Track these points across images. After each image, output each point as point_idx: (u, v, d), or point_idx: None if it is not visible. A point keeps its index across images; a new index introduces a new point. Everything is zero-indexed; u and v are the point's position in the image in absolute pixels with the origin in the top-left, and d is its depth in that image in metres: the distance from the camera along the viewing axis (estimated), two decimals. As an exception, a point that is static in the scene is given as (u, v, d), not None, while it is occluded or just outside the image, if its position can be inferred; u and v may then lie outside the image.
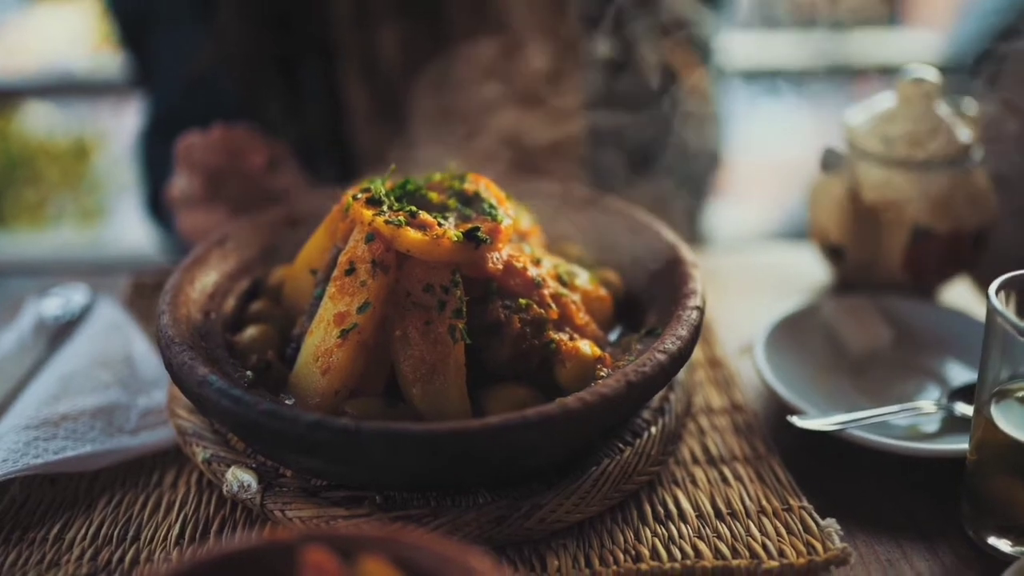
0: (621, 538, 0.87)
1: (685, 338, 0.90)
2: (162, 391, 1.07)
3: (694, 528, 0.88)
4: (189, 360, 0.85)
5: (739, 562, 0.83)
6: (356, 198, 0.92)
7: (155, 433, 1.01)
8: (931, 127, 1.23)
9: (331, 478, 0.87)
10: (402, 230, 0.88)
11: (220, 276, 1.06)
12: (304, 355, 0.90)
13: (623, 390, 0.82)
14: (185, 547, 0.87)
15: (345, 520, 0.84)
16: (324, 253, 0.99)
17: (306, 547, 0.62)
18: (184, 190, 1.30)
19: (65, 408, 1.01)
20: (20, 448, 0.94)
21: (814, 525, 0.88)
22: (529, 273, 0.94)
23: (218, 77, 1.56)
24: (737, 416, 1.06)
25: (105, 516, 0.91)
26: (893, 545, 0.90)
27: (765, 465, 0.98)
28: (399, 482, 0.86)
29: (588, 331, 0.96)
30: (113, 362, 1.12)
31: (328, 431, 0.77)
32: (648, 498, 0.93)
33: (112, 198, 4.02)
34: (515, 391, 0.89)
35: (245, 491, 0.88)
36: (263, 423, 0.78)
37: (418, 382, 0.87)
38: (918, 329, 1.20)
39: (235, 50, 1.55)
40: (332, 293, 0.89)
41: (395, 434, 0.76)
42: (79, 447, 0.96)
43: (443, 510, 0.84)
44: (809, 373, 1.12)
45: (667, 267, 1.04)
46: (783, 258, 1.52)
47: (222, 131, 1.29)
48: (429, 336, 0.87)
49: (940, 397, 1.07)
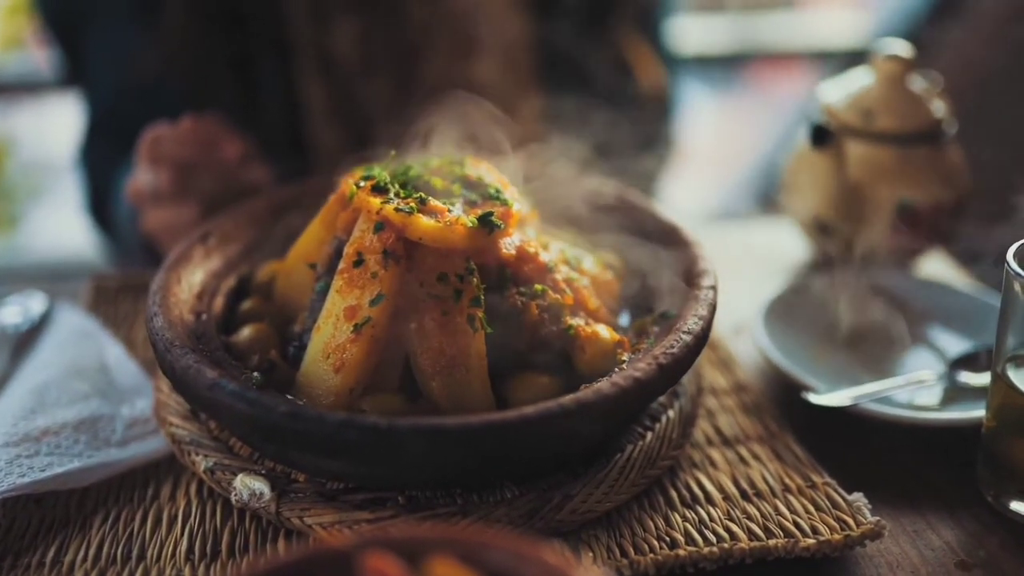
0: (652, 525, 0.85)
1: (706, 317, 0.88)
2: (144, 399, 1.01)
3: (723, 511, 0.87)
4: (195, 363, 0.80)
5: (775, 542, 0.82)
6: (359, 186, 0.88)
7: (145, 444, 0.95)
8: (909, 102, 1.24)
9: (351, 480, 0.83)
10: (414, 218, 0.84)
11: (206, 275, 1.00)
12: (312, 353, 0.85)
13: (655, 372, 0.80)
14: (196, 563, 0.81)
15: (369, 524, 0.80)
16: (322, 245, 0.94)
17: (364, 553, 0.58)
18: (149, 185, 1.22)
19: (44, 422, 0.94)
20: (2, 467, 0.87)
21: (841, 500, 0.87)
22: (542, 258, 0.91)
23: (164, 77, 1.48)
24: (743, 396, 1.05)
25: (104, 535, 0.85)
26: (916, 516, 0.90)
27: (780, 443, 0.97)
28: (426, 481, 0.82)
29: (600, 316, 0.94)
30: (88, 371, 1.05)
31: (357, 430, 0.73)
32: (671, 483, 0.91)
33: (25, 205, 3.83)
34: (537, 380, 0.86)
35: (257, 499, 0.83)
36: (285, 425, 0.74)
37: (438, 375, 0.83)
38: (905, 301, 1.21)
39: (183, 50, 1.47)
40: (340, 286, 0.85)
41: (431, 430, 0.72)
42: (66, 463, 0.89)
43: (471, 507, 0.81)
44: (807, 350, 1.12)
45: (669, 248, 1.02)
46: (759, 236, 1.52)
47: (192, 122, 1.22)
48: (447, 327, 0.83)
49: (942, 367, 1.08)
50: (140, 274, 1.30)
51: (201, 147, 1.21)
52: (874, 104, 1.24)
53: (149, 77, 1.47)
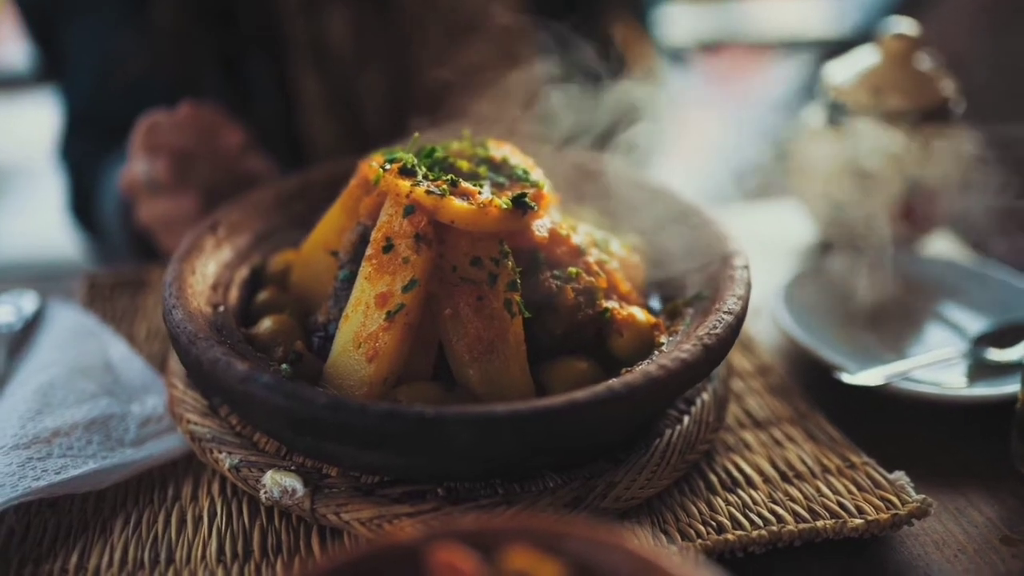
0: (695, 510, 0.83)
1: (744, 296, 0.86)
2: (155, 396, 0.97)
3: (766, 494, 0.85)
4: (223, 356, 0.76)
5: (823, 523, 0.80)
6: (385, 168, 0.84)
7: (161, 442, 0.91)
8: (918, 80, 1.23)
9: (389, 473, 0.80)
10: (446, 200, 0.81)
11: (219, 266, 0.96)
12: (341, 342, 0.82)
13: (701, 354, 0.78)
14: (229, 564, 0.78)
15: (410, 518, 0.77)
16: (343, 232, 0.91)
17: (432, 547, 0.55)
18: (145, 175, 1.17)
19: (54, 423, 0.89)
20: (15, 471, 0.83)
21: (883, 480, 0.86)
22: (574, 240, 0.88)
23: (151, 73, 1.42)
24: (769, 378, 1.04)
25: (127, 538, 0.81)
26: (956, 493, 0.89)
27: (812, 424, 0.95)
28: (469, 471, 0.79)
29: (632, 298, 0.92)
30: (93, 369, 1.00)
31: (403, 421, 0.70)
32: (709, 467, 0.89)
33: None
34: (576, 365, 0.83)
35: (290, 496, 0.79)
36: (325, 417, 0.71)
37: (475, 362, 0.80)
38: (916, 279, 1.21)
39: (172, 47, 1.42)
40: (368, 273, 0.82)
41: (481, 418, 0.69)
42: (81, 464, 0.85)
43: (515, 497, 0.79)
44: (828, 331, 1.11)
45: (693, 229, 1.01)
46: (761, 220, 1.51)
47: (191, 109, 1.17)
48: (483, 312, 0.80)
49: (961, 344, 1.07)
50: (135, 270, 1.26)
51: (201, 135, 1.16)
52: (883, 83, 1.23)
53: (137, 74, 1.41)
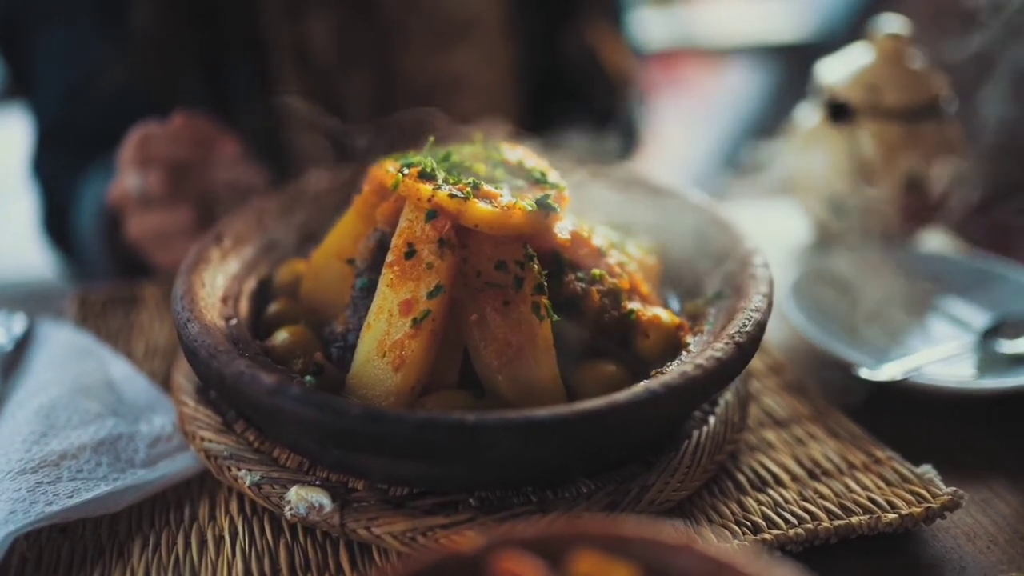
0: (727, 511, 0.82)
1: (769, 294, 0.86)
2: (162, 415, 0.94)
3: (795, 492, 0.85)
4: (247, 369, 0.74)
5: (858, 519, 0.80)
6: (404, 173, 0.83)
7: (174, 462, 0.88)
8: (912, 77, 1.25)
9: (421, 484, 0.78)
10: (469, 203, 0.79)
11: (226, 278, 0.94)
12: (364, 352, 0.80)
13: (735, 352, 0.77)
14: (258, 584, 0.75)
15: (445, 529, 0.75)
16: (358, 239, 0.89)
17: (494, 555, 0.54)
18: (137, 189, 1.13)
19: (60, 446, 0.86)
20: (24, 496, 0.80)
21: (910, 474, 0.86)
22: (595, 242, 0.87)
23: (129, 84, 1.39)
24: (783, 376, 1.03)
25: (147, 562, 0.78)
26: (980, 485, 0.89)
27: (831, 421, 0.95)
28: (504, 479, 0.77)
29: (653, 300, 0.91)
30: (95, 389, 0.97)
31: (442, 430, 0.68)
32: (735, 467, 0.88)
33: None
34: (605, 367, 0.82)
35: (317, 512, 0.77)
36: (360, 428, 0.69)
37: (504, 367, 0.78)
38: (918, 274, 1.21)
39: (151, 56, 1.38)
40: (391, 280, 0.80)
41: (524, 424, 0.68)
42: (93, 487, 0.82)
43: (549, 504, 0.77)
44: (837, 328, 1.11)
45: (707, 229, 1.00)
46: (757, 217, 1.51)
47: (185, 119, 1.14)
48: (511, 316, 0.79)
49: (967, 337, 1.08)
50: (127, 287, 1.22)
51: (195, 145, 1.13)
52: (878, 81, 1.24)
53: (114, 86, 1.37)
